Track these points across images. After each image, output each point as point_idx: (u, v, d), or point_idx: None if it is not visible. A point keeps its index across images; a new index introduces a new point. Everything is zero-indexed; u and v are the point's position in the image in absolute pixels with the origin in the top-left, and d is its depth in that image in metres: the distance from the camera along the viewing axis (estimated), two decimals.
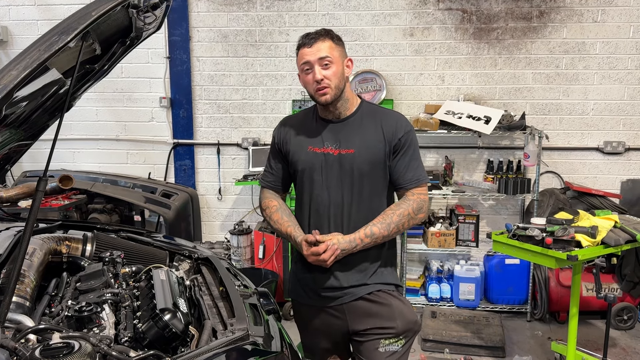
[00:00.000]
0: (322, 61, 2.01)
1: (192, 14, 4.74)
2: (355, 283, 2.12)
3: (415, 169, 2.11)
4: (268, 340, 1.74)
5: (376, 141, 2.08)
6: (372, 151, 2.07)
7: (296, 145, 2.16)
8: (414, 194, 2.10)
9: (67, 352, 1.38)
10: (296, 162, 2.15)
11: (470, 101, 4.56)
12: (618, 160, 4.63)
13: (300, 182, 2.16)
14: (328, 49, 2.02)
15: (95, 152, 5.03)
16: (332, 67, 2.02)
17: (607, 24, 4.45)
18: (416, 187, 2.11)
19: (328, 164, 2.09)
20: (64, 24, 1.51)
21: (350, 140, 2.09)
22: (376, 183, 2.10)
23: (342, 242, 2.02)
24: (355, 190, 2.08)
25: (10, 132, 2.04)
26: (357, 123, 2.12)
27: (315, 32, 2.05)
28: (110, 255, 2.25)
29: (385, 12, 4.59)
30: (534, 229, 3.09)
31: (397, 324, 2.10)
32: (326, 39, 2.03)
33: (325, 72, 2.01)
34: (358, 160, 2.07)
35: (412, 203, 2.08)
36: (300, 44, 2.06)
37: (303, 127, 2.18)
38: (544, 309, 4.34)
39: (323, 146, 2.11)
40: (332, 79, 2.02)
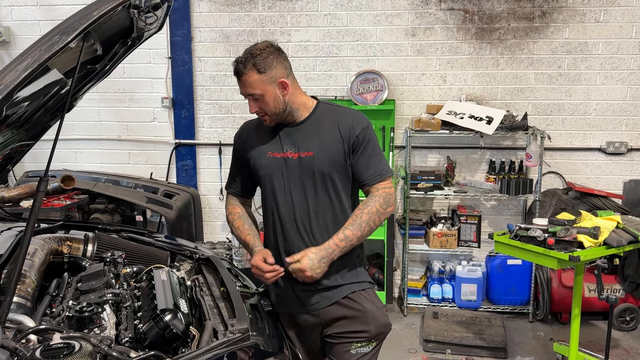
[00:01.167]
0: (251, 97, 2.03)
1: (193, 14, 4.74)
2: (331, 284, 2.10)
3: (377, 164, 2.09)
4: (268, 341, 1.75)
5: (334, 141, 2.07)
6: (331, 151, 2.07)
7: (256, 151, 2.16)
8: (379, 189, 2.08)
9: (67, 353, 1.38)
10: (257, 168, 2.15)
11: (472, 101, 4.56)
12: (620, 160, 4.61)
13: (263, 187, 2.17)
14: (253, 84, 2.00)
15: (97, 152, 5.03)
16: (261, 99, 2.03)
17: (610, 24, 4.44)
18: (380, 182, 2.09)
19: (289, 168, 2.08)
20: (65, 24, 1.51)
21: (308, 142, 2.08)
22: (339, 183, 2.09)
23: (317, 253, 1.98)
24: (319, 192, 2.07)
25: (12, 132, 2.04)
26: (313, 125, 2.11)
27: (243, 59, 2.03)
28: (111, 255, 2.25)
29: (387, 12, 4.59)
30: (536, 230, 3.08)
31: (371, 329, 2.09)
32: (250, 72, 2.00)
33: (258, 103, 2.04)
34: (318, 162, 2.06)
35: (378, 199, 2.06)
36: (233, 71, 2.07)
37: (261, 132, 2.18)
38: (546, 310, 4.33)
39: (282, 151, 2.10)
40: (265, 108, 2.04)
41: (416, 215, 4.61)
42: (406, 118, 4.66)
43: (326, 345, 2.16)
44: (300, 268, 1.96)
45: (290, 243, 2.10)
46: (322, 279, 2.06)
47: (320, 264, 1.98)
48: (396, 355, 3.82)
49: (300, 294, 2.10)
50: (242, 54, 2.05)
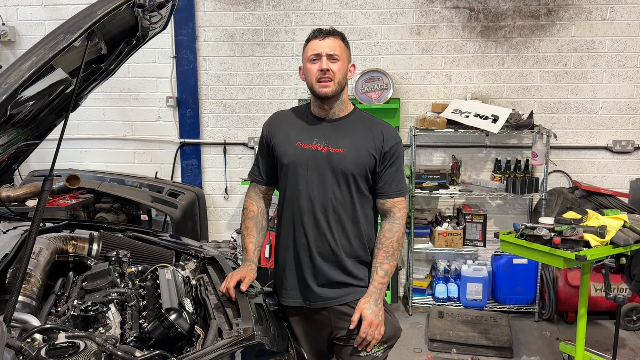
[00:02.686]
0: (331, 56, 2.04)
1: (198, 14, 4.74)
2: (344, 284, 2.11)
3: (400, 181, 2.15)
4: (273, 340, 1.74)
5: (366, 146, 2.09)
6: (360, 154, 2.08)
7: (284, 139, 2.16)
8: (400, 210, 2.14)
9: (72, 352, 1.38)
10: (282, 156, 2.15)
11: (477, 100, 4.54)
12: (627, 159, 4.59)
13: (285, 176, 2.16)
14: (338, 47, 2.06)
15: (102, 152, 5.04)
16: (338, 63, 2.05)
17: (616, 22, 4.41)
18: (399, 197, 2.15)
19: (315, 160, 2.09)
20: (69, 23, 1.51)
21: (340, 140, 2.09)
22: (361, 185, 2.11)
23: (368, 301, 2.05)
24: (341, 189, 2.08)
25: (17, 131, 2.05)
26: (348, 125, 2.13)
27: (328, 29, 2.09)
28: (116, 254, 2.25)
29: (392, 10, 4.58)
30: (542, 229, 3.07)
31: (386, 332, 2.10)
32: (337, 38, 2.08)
33: (332, 65, 2.04)
34: (346, 161, 2.07)
35: (400, 221, 2.14)
36: (311, 37, 2.09)
37: (293, 122, 2.19)
38: (552, 309, 4.31)
39: (312, 142, 2.11)
40: (337, 73, 2.05)
41: (421, 214, 4.60)
42: (411, 117, 4.64)
43: (335, 347, 2.17)
44: (368, 323, 2.02)
45: (305, 234, 2.11)
46: (336, 277, 2.09)
47: (379, 306, 2.06)
48: (402, 354, 3.81)
49: (312, 290, 2.11)
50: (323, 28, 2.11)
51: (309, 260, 2.11)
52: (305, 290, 2.13)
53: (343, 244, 2.10)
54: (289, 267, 2.16)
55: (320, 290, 2.11)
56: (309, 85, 2.10)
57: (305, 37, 2.14)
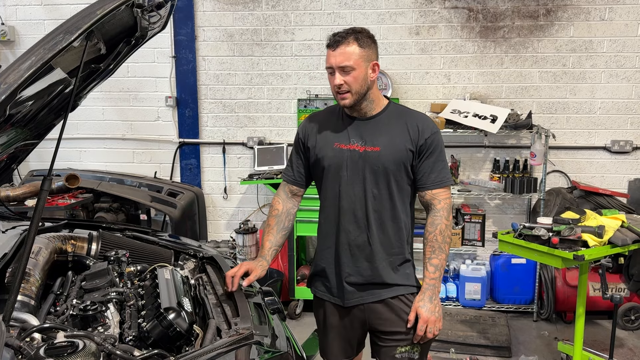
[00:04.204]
0: (343, 69, 2.01)
1: (197, 13, 4.74)
2: (380, 282, 2.12)
3: (440, 171, 2.10)
4: (272, 340, 1.74)
5: (402, 141, 2.07)
6: (397, 150, 2.07)
7: (321, 141, 2.16)
8: (440, 201, 2.10)
9: (71, 351, 1.38)
10: (322, 159, 2.15)
11: (476, 100, 4.54)
12: (625, 159, 4.59)
13: (325, 178, 2.16)
14: (349, 55, 2.01)
15: (101, 151, 5.04)
16: (352, 73, 2.01)
17: (615, 22, 4.42)
18: (439, 189, 2.10)
19: (353, 160, 2.09)
20: (68, 23, 1.51)
21: (376, 138, 2.08)
22: (400, 182, 2.10)
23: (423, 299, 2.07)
24: (380, 187, 2.08)
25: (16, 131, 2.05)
26: (383, 122, 2.11)
27: (344, 32, 2.04)
28: (115, 254, 2.25)
29: (391, 10, 4.58)
30: (541, 229, 3.07)
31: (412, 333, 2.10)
32: (351, 42, 2.02)
33: (346, 77, 2.01)
34: (383, 159, 2.06)
35: (442, 213, 2.10)
36: (327, 44, 2.07)
37: (329, 123, 2.18)
38: (550, 309, 4.31)
39: (349, 143, 2.10)
40: (352, 84, 2.01)
41: (420, 214, 4.57)
42: None
43: (373, 346, 2.21)
44: (424, 321, 2.03)
45: (346, 234, 2.12)
46: (375, 275, 2.11)
47: (434, 303, 2.07)
48: None
49: (349, 286, 2.13)
50: (339, 32, 2.07)
51: (349, 259, 2.13)
52: (344, 288, 2.15)
53: (383, 243, 2.11)
54: (329, 265, 2.18)
55: (358, 288, 2.13)
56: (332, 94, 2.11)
57: (305, 37, 2.14)
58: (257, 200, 4.94)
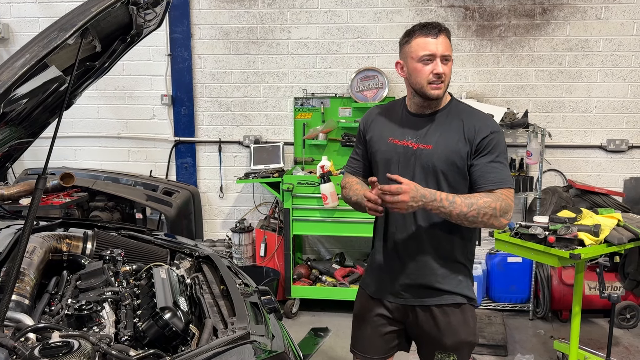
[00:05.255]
0: (445, 57, 1.98)
1: (193, 11, 4.73)
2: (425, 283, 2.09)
3: (499, 171, 1.99)
4: (268, 339, 1.74)
5: (456, 140, 2.01)
6: (449, 149, 2.01)
7: (378, 135, 2.15)
8: (502, 194, 1.96)
9: (66, 351, 1.37)
10: (375, 152, 2.14)
11: (472, 99, 4.54)
12: (621, 158, 4.60)
13: (377, 172, 2.14)
14: (449, 46, 1.99)
15: (96, 150, 5.02)
16: (449, 64, 2.00)
17: (611, 21, 4.42)
18: (500, 189, 1.97)
19: (406, 157, 2.06)
20: (63, 21, 1.50)
21: (430, 135, 2.05)
22: (452, 183, 2.03)
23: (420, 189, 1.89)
24: (429, 186, 1.99)
25: (11, 129, 2.04)
26: (441, 120, 2.07)
27: (437, 24, 1.99)
28: (110, 253, 2.24)
29: (387, 9, 4.57)
30: (537, 228, 3.08)
31: (446, 341, 2.09)
32: (448, 36, 2.00)
33: (445, 67, 1.98)
34: (434, 157, 2.02)
35: (501, 200, 1.94)
36: (418, 32, 1.99)
37: (388, 118, 2.17)
38: (546, 308, 4.32)
39: (404, 139, 2.08)
40: (447, 75, 1.99)
41: None
42: None
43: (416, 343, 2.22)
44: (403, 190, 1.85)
45: (395, 231, 2.11)
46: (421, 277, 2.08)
47: (419, 198, 1.87)
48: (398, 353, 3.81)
49: (395, 287, 2.12)
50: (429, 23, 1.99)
51: (397, 258, 2.11)
52: (390, 287, 2.14)
53: (432, 243, 2.07)
54: (379, 261, 2.17)
55: (405, 288, 2.11)
56: (416, 85, 2.02)
57: (301, 35, 2.13)
58: (253, 199, 4.93)
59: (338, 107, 4.64)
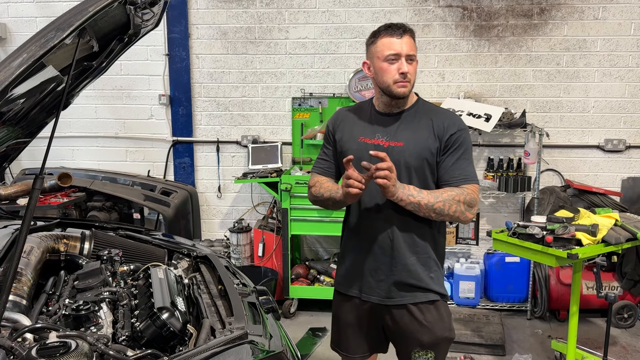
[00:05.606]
0: (409, 57, 2.03)
1: (191, 11, 4.72)
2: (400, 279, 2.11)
3: (465, 168, 2.07)
4: (266, 339, 1.74)
5: (426, 137, 2.07)
6: (420, 146, 2.06)
7: (348, 135, 2.18)
8: (468, 188, 2.04)
9: (64, 352, 1.37)
10: (346, 152, 2.14)
11: (470, 99, 4.55)
12: (619, 158, 4.61)
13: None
14: (414, 46, 2.05)
15: (94, 150, 5.01)
16: (414, 63, 2.05)
17: (608, 21, 4.43)
18: (465, 184, 2.04)
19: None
20: (60, 20, 1.50)
21: (400, 133, 2.09)
22: (423, 179, 2.08)
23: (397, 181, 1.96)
24: (402, 182, 2.04)
25: (8, 129, 2.03)
26: (409, 118, 2.12)
27: (402, 25, 2.05)
28: (108, 253, 2.24)
29: (385, 9, 4.58)
30: (534, 227, 3.08)
31: (424, 338, 2.11)
32: (412, 36, 2.06)
33: (409, 66, 2.03)
34: (406, 154, 2.06)
35: (466, 194, 2.01)
36: (384, 33, 2.04)
37: (356, 118, 2.20)
38: (544, 307, 4.33)
39: (374, 137, 2.11)
40: (412, 74, 2.05)
41: None
42: None
43: (395, 348, 2.24)
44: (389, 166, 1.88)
45: (368, 228, 2.12)
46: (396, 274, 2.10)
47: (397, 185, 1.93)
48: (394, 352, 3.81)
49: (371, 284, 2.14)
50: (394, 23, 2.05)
51: (370, 255, 2.13)
52: (364, 284, 2.15)
53: (406, 240, 2.09)
54: (352, 258, 2.19)
55: (379, 285, 2.12)
56: (382, 85, 2.07)
57: (299, 35, 2.14)
58: (251, 199, 4.93)
59: (336, 107, 4.64)
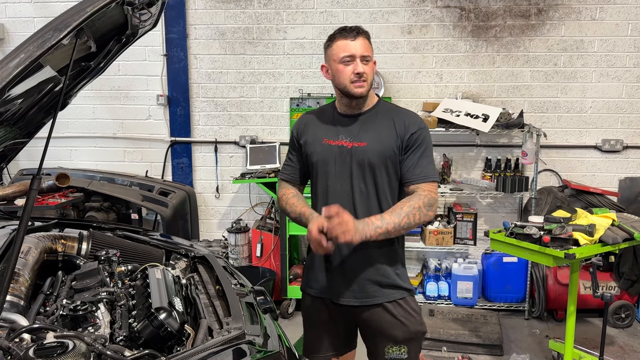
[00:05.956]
0: (364, 58, 2.07)
1: (189, 12, 4.72)
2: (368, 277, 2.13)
3: (425, 166, 2.11)
4: (264, 339, 1.74)
5: (388, 136, 2.11)
6: (383, 145, 2.10)
7: (312, 137, 2.21)
8: (424, 190, 2.09)
9: (61, 352, 1.37)
10: (311, 154, 2.19)
11: (468, 99, 4.55)
12: (616, 158, 4.62)
13: (315, 173, 2.20)
14: (368, 47, 2.10)
15: (92, 150, 5.01)
16: (370, 63, 2.10)
17: (605, 22, 4.44)
18: (424, 183, 2.10)
19: (341, 156, 2.13)
20: (57, 21, 1.50)
21: (363, 134, 2.13)
22: (386, 176, 2.13)
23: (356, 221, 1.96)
24: (367, 182, 2.11)
25: (5, 130, 2.03)
26: (371, 118, 2.16)
27: (356, 27, 2.10)
28: (106, 253, 2.24)
29: (383, 9, 4.58)
30: (532, 227, 3.08)
31: (397, 334, 2.14)
32: (367, 37, 2.11)
33: (365, 67, 2.07)
34: (369, 153, 2.10)
35: (422, 197, 2.06)
36: (338, 36, 2.09)
37: (320, 121, 2.23)
38: (541, 307, 4.34)
39: (338, 139, 2.15)
40: (369, 74, 2.09)
41: None
42: None
43: (367, 347, 2.25)
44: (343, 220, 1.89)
45: None
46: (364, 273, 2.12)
47: (360, 229, 1.94)
48: None
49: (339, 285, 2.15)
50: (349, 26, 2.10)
51: (338, 255, 2.14)
52: (332, 285, 2.17)
53: None
54: (318, 261, 2.20)
55: (349, 285, 2.14)
56: (340, 86, 2.11)
57: (297, 35, 2.15)
58: (249, 200, 4.93)
59: None
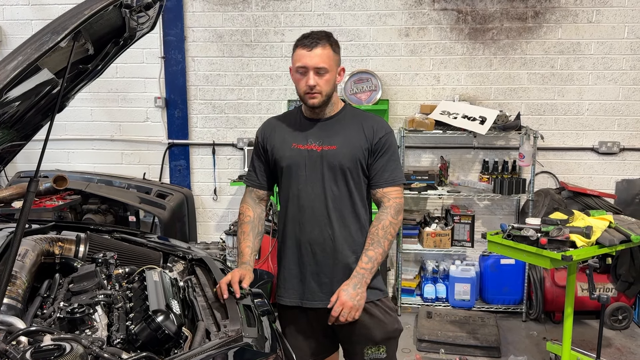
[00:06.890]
0: (318, 70, 2.05)
1: (187, 14, 4.72)
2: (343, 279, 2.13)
3: (393, 170, 2.17)
4: (262, 342, 1.74)
5: (357, 139, 2.14)
6: (353, 148, 2.13)
7: (280, 142, 2.21)
8: (390, 199, 2.14)
9: (58, 355, 1.37)
10: (280, 159, 2.19)
11: (465, 101, 4.56)
12: (613, 160, 4.64)
13: (285, 178, 2.20)
14: (326, 58, 2.05)
15: (89, 153, 5.00)
16: (326, 76, 2.07)
17: (602, 25, 4.46)
18: (391, 187, 2.16)
19: (312, 160, 2.14)
20: (55, 23, 1.50)
21: (332, 137, 2.15)
22: (357, 180, 2.16)
23: (349, 284, 2.05)
24: (338, 184, 2.13)
25: (3, 132, 2.03)
26: (339, 122, 2.18)
27: (317, 34, 2.07)
28: (103, 256, 2.24)
29: (380, 12, 4.59)
30: (529, 229, 3.09)
31: (376, 334, 2.16)
32: (326, 45, 2.06)
33: (318, 79, 2.05)
34: (340, 156, 2.12)
35: (389, 210, 2.13)
36: (298, 43, 2.08)
37: (287, 125, 2.24)
38: (539, 309, 4.34)
39: (307, 143, 2.16)
40: (323, 87, 2.07)
41: (410, 215, 4.61)
42: (400, 118, 4.66)
43: (343, 349, 2.27)
44: (341, 303, 2.01)
45: (308, 232, 2.15)
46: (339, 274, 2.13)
47: (357, 291, 2.05)
48: None
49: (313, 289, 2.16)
50: (312, 33, 2.08)
51: (312, 259, 2.15)
52: (306, 290, 2.17)
53: (346, 239, 2.15)
54: (291, 266, 2.20)
55: (321, 289, 2.15)
56: (297, 94, 2.14)
57: (294, 38, 2.15)
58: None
59: None
